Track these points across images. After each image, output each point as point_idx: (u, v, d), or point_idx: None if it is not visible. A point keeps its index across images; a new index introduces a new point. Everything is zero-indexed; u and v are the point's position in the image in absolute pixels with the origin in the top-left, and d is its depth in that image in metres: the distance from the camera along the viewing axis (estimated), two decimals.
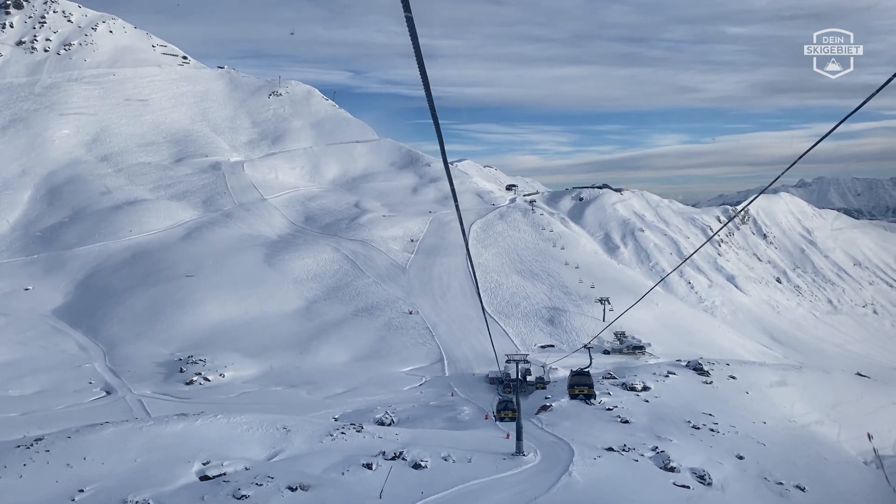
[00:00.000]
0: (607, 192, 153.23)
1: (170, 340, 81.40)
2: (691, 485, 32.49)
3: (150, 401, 61.78)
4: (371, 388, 64.23)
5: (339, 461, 30.83)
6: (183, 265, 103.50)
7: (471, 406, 53.89)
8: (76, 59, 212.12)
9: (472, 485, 28.45)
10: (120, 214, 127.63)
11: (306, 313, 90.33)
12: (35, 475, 28.03)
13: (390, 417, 49.75)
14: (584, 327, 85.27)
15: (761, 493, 34.87)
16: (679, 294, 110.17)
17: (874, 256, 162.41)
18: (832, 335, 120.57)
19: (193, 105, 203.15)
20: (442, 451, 32.13)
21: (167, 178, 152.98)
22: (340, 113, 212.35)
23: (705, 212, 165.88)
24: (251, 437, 33.66)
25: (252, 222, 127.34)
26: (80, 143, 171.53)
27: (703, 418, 43.85)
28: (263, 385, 68.30)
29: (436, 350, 77.28)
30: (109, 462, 29.64)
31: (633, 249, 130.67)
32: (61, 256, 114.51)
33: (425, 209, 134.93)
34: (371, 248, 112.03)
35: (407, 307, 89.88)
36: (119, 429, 32.57)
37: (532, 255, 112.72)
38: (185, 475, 28.91)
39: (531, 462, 32.37)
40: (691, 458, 35.91)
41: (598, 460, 33.11)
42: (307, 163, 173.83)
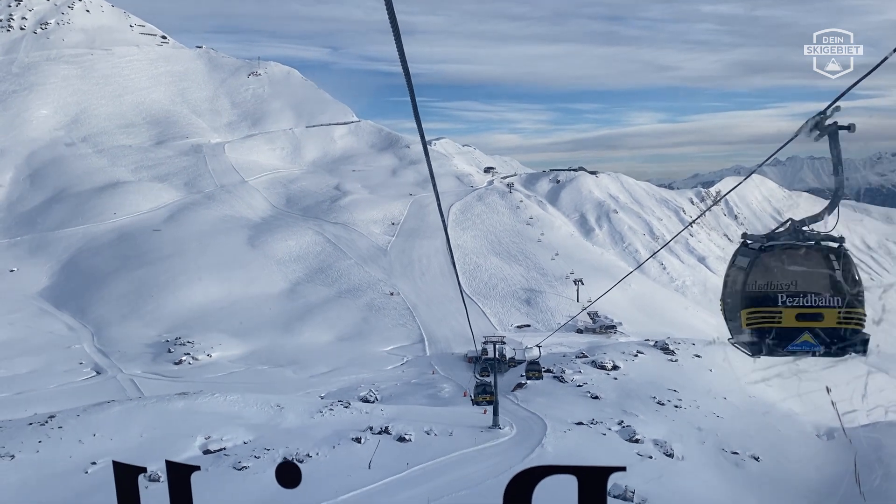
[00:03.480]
0: (583, 175, 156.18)
1: (156, 321, 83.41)
2: (654, 455, 35.32)
3: (141, 380, 63.95)
4: (354, 368, 66.69)
5: (329, 435, 33.29)
6: (167, 247, 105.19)
7: (451, 384, 56.70)
8: (54, 38, 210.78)
9: (452, 456, 30.98)
10: (103, 196, 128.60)
11: (290, 294, 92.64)
12: (50, 450, 30.31)
13: (374, 395, 52.14)
14: (559, 307, 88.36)
15: (718, 462, 37.80)
16: (651, 275, 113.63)
17: None
18: None
19: (172, 85, 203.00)
20: (424, 426, 34.63)
21: (148, 159, 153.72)
22: (320, 94, 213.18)
23: (679, 194, 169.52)
24: (247, 413, 36.11)
25: (234, 204, 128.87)
26: (59, 123, 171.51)
27: (668, 395, 46.76)
28: (250, 364, 70.69)
29: (416, 330, 79.96)
30: (118, 438, 31.98)
31: (607, 231, 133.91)
32: (45, 238, 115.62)
33: (405, 192, 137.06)
34: (352, 231, 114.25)
35: (388, 289, 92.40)
36: (125, 407, 34.95)
37: (510, 237, 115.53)
38: (188, 449, 31.34)
39: (507, 435, 34.95)
40: (655, 431, 38.71)
41: (568, 433, 35.90)
42: (287, 144, 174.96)
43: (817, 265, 6.27)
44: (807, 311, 6.12)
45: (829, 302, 6.14)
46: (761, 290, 6.26)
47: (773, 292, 6.22)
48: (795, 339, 6.17)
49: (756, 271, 6.30)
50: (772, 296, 6.21)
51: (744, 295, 6.31)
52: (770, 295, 6.22)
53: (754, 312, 6.21)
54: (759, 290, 6.27)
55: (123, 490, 4.75)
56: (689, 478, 33.76)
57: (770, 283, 6.25)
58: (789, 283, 6.21)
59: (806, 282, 6.20)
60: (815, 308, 6.12)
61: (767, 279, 6.26)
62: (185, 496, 4.77)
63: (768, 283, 6.25)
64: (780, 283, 6.22)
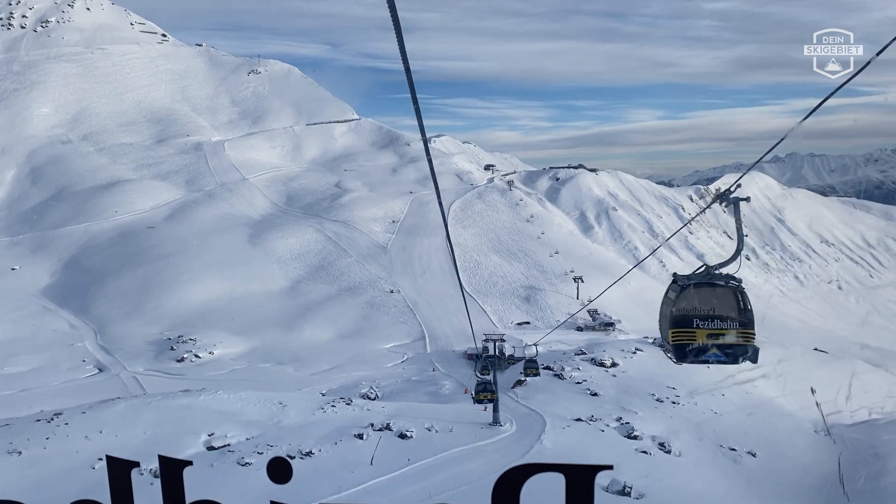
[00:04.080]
0: (582, 173, 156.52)
1: (158, 319, 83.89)
2: (652, 451, 35.82)
3: (144, 377, 64.52)
4: (355, 365, 67.21)
5: (331, 432, 33.79)
6: (168, 245, 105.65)
7: (451, 381, 57.25)
8: (54, 36, 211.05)
9: (453, 452, 31.49)
10: (104, 194, 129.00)
11: (291, 292, 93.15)
12: (57, 447, 30.82)
13: (375, 392, 52.65)
14: (558, 305, 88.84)
15: (716, 458, 38.31)
16: (651, 272, 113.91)
17: (840, 234, 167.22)
18: (797, 311, 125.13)
19: (173, 83, 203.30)
20: (425, 423, 35.13)
21: (149, 157, 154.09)
22: (320, 92, 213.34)
23: (678, 192, 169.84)
24: (250, 411, 36.59)
25: (234, 202, 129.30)
26: (60, 121, 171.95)
27: (666, 391, 47.23)
28: (251, 362, 71.24)
29: (417, 328, 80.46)
30: (123, 434, 32.48)
31: (607, 229, 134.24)
32: (47, 236, 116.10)
33: (405, 189, 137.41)
34: (353, 229, 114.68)
35: (389, 286, 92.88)
36: (130, 404, 35.45)
37: (510, 234, 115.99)
38: (193, 445, 31.85)
39: (507, 432, 35.46)
40: (653, 427, 39.20)
41: (567, 429, 36.40)
42: (287, 142, 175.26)
43: (722, 298, 8.70)
44: (714, 332, 8.65)
45: (730, 325, 8.67)
46: (683, 316, 8.69)
47: (690, 317, 8.67)
48: (706, 352, 8.67)
49: (679, 302, 8.70)
50: (690, 320, 8.66)
51: (671, 319, 8.75)
52: (689, 319, 8.67)
53: (677, 332, 8.69)
54: (681, 315, 8.70)
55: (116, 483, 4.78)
56: (686, 473, 34.25)
57: (689, 310, 8.69)
58: (702, 311, 8.63)
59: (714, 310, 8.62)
60: (720, 329, 8.65)
61: (687, 308, 8.67)
62: (178, 490, 4.75)
63: (687, 311, 8.68)
64: (696, 310, 8.62)
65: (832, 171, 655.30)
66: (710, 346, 8.60)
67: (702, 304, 8.69)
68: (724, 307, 8.68)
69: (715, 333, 8.60)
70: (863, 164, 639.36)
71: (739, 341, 8.62)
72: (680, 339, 8.69)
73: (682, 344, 8.70)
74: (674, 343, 8.73)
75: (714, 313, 8.66)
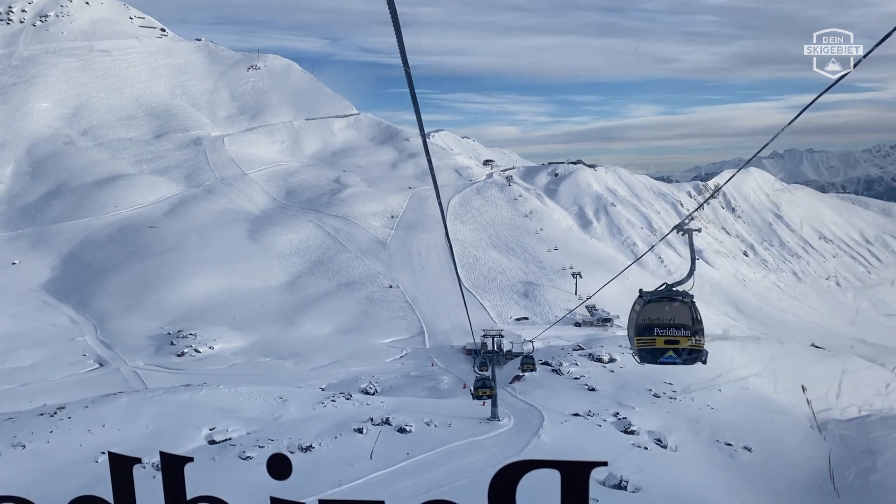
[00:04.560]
0: (581, 168, 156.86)
1: (159, 314, 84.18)
2: (649, 446, 36.16)
3: (145, 372, 64.85)
4: (355, 360, 67.56)
5: (332, 426, 34.14)
6: (168, 240, 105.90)
7: (450, 376, 57.59)
8: (53, 31, 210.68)
9: (452, 447, 31.84)
10: (104, 189, 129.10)
11: (290, 287, 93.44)
12: (60, 440, 31.18)
13: (374, 387, 52.94)
14: (557, 300, 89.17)
15: (712, 453, 38.66)
16: (650, 268, 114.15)
17: (839, 230, 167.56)
18: (795, 307, 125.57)
19: (172, 78, 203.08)
20: (424, 417, 35.48)
21: (148, 152, 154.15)
22: (319, 87, 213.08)
23: (677, 187, 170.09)
24: (251, 405, 36.95)
25: (234, 197, 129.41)
26: (59, 116, 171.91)
27: (663, 387, 47.56)
28: (251, 357, 71.59)
29: (416, 323, 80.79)
30: (125, 428, 32.84)
31: (605, 224, 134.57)
32: (47, 231, 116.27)
33: (405, 185, 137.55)
34: (352, 224, 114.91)
35: (387, 281, 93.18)
36: (132, 398, 35.78)
37: (508, 230, 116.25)
38: (195, 439, 32.21)
39: (505, 426, 35.81)
40: (650, 422, 39.52)
41: (564, 424, 36.75)
42: (287, 137, 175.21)
43: (678, 311, 10.48)
44: (670, 338, 10.43)
45: (683, 333, 10.42)
46: (645, 325, 10.52)
47: (652, 326, 10.47)
48: (664, 355, 10.49)
49: (643, 314, 10.55)
50: (651, 328, 10.48)
51: (636, 327, 10.62)
52: (650, 328, 10.48)
53: (641, 338, 10.53)
54: (644, 324, 10.54)
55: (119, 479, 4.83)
56: (683, 468, 34.54)
57: (651, 320, 10.50)
58: (662, 321, 10.43)
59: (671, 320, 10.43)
60: (675, 336, 10.42)
61: (649, 318, 10.52)
62: (179, 486, 4.80)
63: (650, 321, 10.50)
64: (657, 321, 10.45)
65: (831, 167, 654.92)
66: (668, 350, 10.38)
67: (661, 315, 10.43)
68: (680, 318, 10.39)
69: (671, 339, 10.35)
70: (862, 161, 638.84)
71: (691, 346, 10.35)
72: (643, 345, 10.46)
73: (644, 348, 10.50)
74: (638, 347, 10.55)
75: (671, 323, 10.37)
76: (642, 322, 10.52)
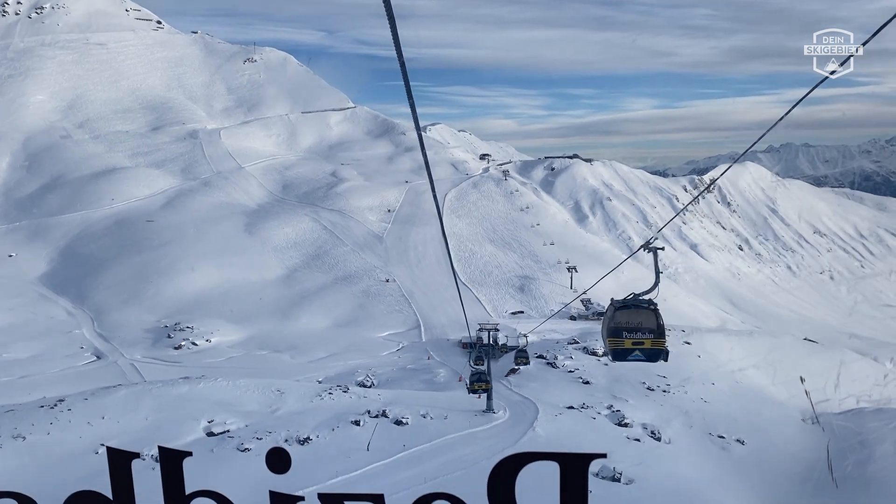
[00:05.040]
0: (577, 163, 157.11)
1: (156, 307, 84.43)
2: (642, 438, 36.61)
3: (142, 364, 65.11)
4: (351, 353, 67.86)
5: (329, 418, 34.51)
6: (165, 234, 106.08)
7: (446, 369, 58.00)
8: (49, 23, 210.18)
9: (448, 439, 32.26)
10: (101, 182, 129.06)
11: (287, 281, 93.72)
12: (60, 432, 31.51)
13: (371, 380, 53.27)
14: (552, 294, 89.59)
15: (705, 445, 39.09)
16: (644, 262, 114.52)
17: (833, 224, 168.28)
18: (789, 301, 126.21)
19: (168, 71, 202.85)
20: (421, 410, 35.85)
21: (145, 145, 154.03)
22: (316, 80, 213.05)
23: (672, 181, 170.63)
24: (249, 398, 37.30)
25: (230, 191, 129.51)
26: (55, 108, 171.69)
27: (657, 380, 47.96)
28: (248, 350, 71.84)
29: (412, 316, 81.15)
30: (125, 420, 33.17)
31: (601, 218, 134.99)
32: (44, 224, 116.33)
33: (401, 179, 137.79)
34: (348, 218, 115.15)
35: (384, 275, 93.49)
36: (131, 391, 36.14)
37: (504, 224, 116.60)
38: (193, 431, 32.55)
39: (500, 419, 36.24)
40: (644, 415, 39.96)
41: (559, 417, 37.19)
42: (283, 130, 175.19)
43: (644, 316, 11.95)
44: (636, 340, 11.87)
45: (647, 335, 11.89)
46: (616, 328, 11.93)
47: (621, 329, 11.92)
48: (631, 354, 11.97)
49: (614, 319, 11.98)
50: (621, 331, 11.92)
51: (608, 330, 12.06)
52: (620, 331, 11.92)
53: (612, 340, 11.96)
54: (615, 327, 11.94)
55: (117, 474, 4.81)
56: (676, 461, 34.96)
57: (621, 324, 11.94)
58: (630, 325, 11.90)
59: (637, 324, 11.90)
60: (641, 338, 11.89)
61: (619, 322, 11.94)
62: (178, 480, 4.81)
63: (620, 325, 11.93)
64: (626, 325, 11.91)
65: (826, 162, 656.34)
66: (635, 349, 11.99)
67: (630, 320, 12.00)
68: (646, 323, 11.97)
69: (637, 341, 11.95)
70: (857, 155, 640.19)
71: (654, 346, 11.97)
72: (614, 345, 12.03)
73: (615, 348, 12.06)
74: (610, 348, 12.14)
75: (638, 327, 11.95)
76: (613, 326, 11.96)
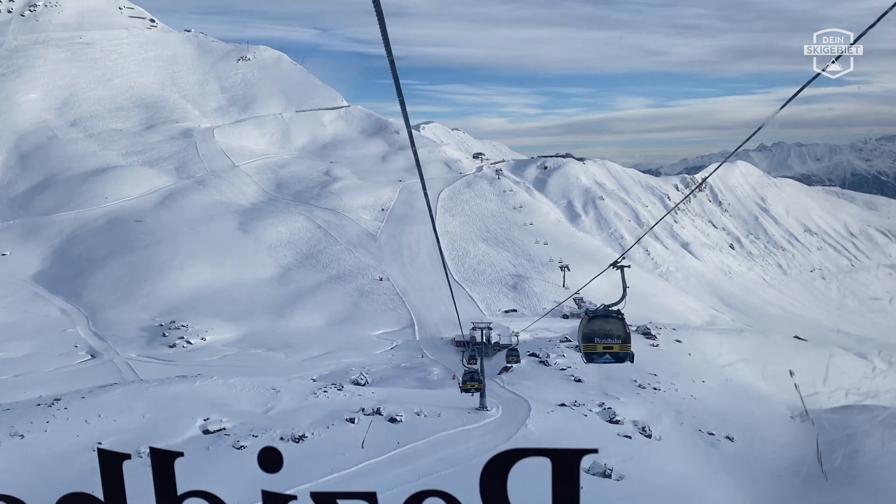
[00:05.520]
0: (570, 162, 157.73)
1: (150, 305, 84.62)
2: (633, 435, 37.10)
3: (137, 363, 65.39)
4: (345, 352, 68.24)
5: (324, 416, 34.88)
6: (159, 232, 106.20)
7: (439, 367, 58.45)
8: (42, 21, 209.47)
9: (441, 436, 32.64)
10: (94, 181, 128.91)
11: (281, 279, 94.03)
12: (58, 430, 31.82)
13: (365, 378, 53.67)
14: (545, 293, 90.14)
15: (695, 442, 39.61)
16: (636, 261, 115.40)
17: (824, 223, 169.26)
18: (780, 299, 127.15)
19: (162, 69, 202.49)
20: (414, 408, 36.24)
21: (139, 144, 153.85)
22: (310, 78, 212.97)
23: (664, 181, 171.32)
24: (245, 396, 37.67)
25: (224, 189, 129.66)
26: (48, 107, 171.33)
27: (648, 378, 48.45)
28: (242, 348, 72.16)
29: (406, 315, 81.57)
30: (121, 418, 33.51)
31: (593, 217, 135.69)
32: (37, 222, 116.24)
33: (395, 178, 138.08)
34: (342, 217, 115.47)
35: (378, 274, 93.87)
36: (127, 389, 36.48)
37: (497, 223, 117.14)
38: (190, 429, 32.90)
39: (493, 416, 36.64)
40: (634, 412, 40.44)
41: (551, 414, 37.65)
42: (277, 129, 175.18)
43: (612, 324, 13.83)
44: (606, 345, 13.78)
45: (615, 340, 13.79)
46: (589, 334, 13.83)
47: (593, 336, 13.80)
48: (601, 357, 13.88)
49: (588, 326, 13.87)
50: (593, 337, 13.82)
51: (582, 336, 13.94)
52: (592, 337, 13.82)
53: (586, 345, 13.85)
54: (588, 334, 13.84)
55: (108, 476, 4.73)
56: (666, 457, 35.45)
57: (593, 331, 13.83)
58: (600, 332, 13.78)
59: (608, 331, 13.77)
60: (610, 343, 13.79)
61: (592, 329, 13.82)
62: (169, 481, 4.77)
63: (592, 332, 13.82)
64: (597, 331, 13.80)
65: (817, 160, 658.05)
66: (605, 353, 13.86)
67: (601, 328, 13.81)
68: (615, 330, 13.82)
69: (607, 346, 13.82)
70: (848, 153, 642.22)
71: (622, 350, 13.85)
72: (587, 349, 13.86)
73: (588, 352, 13.89)
74: (584, 352, 13.95)
75: (608, 334, 13.78)
76: (587, 332, 13.82)
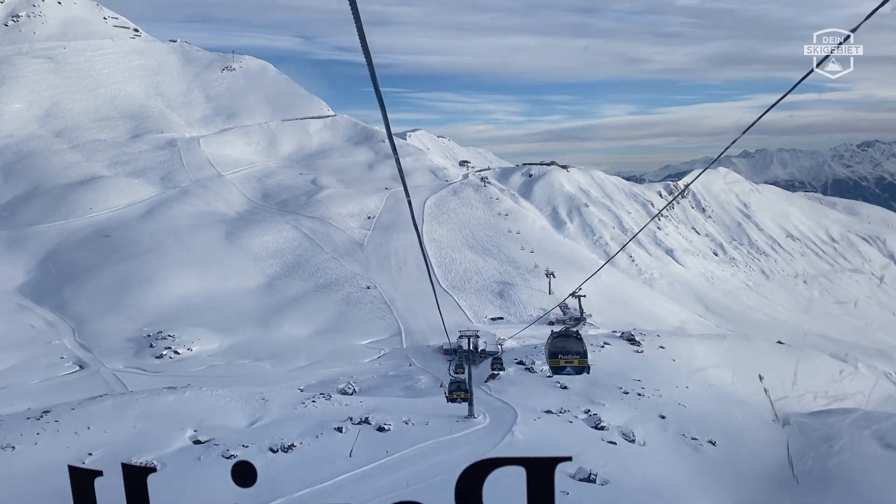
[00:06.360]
0: (555, 169, 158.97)
1: (136, 316, 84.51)
2: (617, 441, 37.66)
3: (124, 374, 65.37)
4: (333, 361, 68.31)
5: (312, 426, 35.18)
6: (145, 243, 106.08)
7: (427, 375, 58.76)
8: (25, 31, 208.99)
9: (429, 444, 33.00)
10: (79, 192, 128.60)
11: (268, 289, 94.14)
12: (48, 442, 32.00)
13: (353, 387, 53.91)
14: (531, 300, 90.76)
15: (678, 447, 40.17)
16: (621, 267, 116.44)
17: (806, 229, 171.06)
18: (763, 304, 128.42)
19: (146, 79, 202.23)
20: (402, 416, 36.62)
21: (124, 154, 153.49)
22: (294, 87, 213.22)
23: (647, 188, 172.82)
24: (234, 406, 37.93)
25: (210, 199, 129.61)
26: (33, 117, 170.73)
27: (632, 384, 49.12)
28: (230, 358, 72.17)
29: (394, 323, 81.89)
30: (111, 430, 33.70)
31: (578, 224, 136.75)
32: (22, 233, 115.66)
33: (381, 186, 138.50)
34: (329, 226, 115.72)
35: (365, 282, 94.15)
36: (117, 400, 36.70)
37: (484, 230, 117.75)
38: (180, 440, 33.12)
39: (481, 424, 37.06)
40: (619, 418, 40.98)
41: (537, 421, 38.14)
42: (262, 139, 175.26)
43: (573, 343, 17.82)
44: (568, 360, 17.42)
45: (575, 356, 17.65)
46: (554, 351, 17.43)
47: (557, 352, 17.45)
48: (564, 370, 18.21)
49: (553, 344, 17.70)
50: (556, 353, 17.47)
51: (548, 352, 17.82)
52: (556, 353, 17.48)
53: (551, 360, 17.61)
54: (554, 350, 17.49)
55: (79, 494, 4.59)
56: (650, 462, 35.99)
57: (557, 348, 17.52)
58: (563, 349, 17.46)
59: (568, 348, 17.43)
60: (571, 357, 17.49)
61: (557, 347, 17.54)
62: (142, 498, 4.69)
63: (557, 348, 17.51)
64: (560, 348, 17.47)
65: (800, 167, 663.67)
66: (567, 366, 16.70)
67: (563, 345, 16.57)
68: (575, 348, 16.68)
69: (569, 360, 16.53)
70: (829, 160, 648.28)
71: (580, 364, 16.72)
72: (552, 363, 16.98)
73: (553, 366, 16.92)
74: (550, 365, 17.05)
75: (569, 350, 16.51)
76: (552, 349, 16.69)
